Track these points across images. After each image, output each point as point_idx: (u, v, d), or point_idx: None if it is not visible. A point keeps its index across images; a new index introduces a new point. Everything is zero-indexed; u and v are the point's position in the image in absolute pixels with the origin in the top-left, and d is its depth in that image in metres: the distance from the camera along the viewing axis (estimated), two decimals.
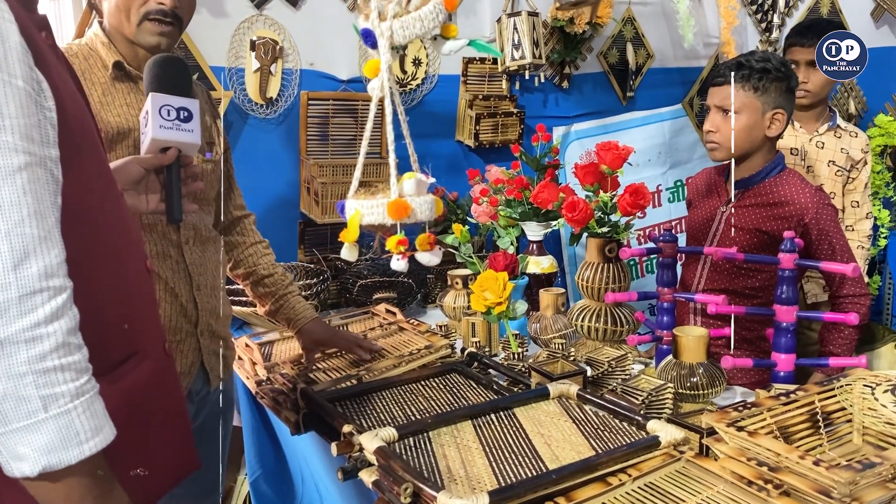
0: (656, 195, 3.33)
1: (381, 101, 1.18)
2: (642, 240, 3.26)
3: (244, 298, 2.20)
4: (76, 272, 0.85)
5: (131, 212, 1.28)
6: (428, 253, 1.14)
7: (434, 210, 1.15)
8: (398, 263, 1.16)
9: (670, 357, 1.61)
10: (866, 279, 2.64)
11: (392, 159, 1.15)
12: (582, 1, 1.44)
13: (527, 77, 2.93)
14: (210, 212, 1.70)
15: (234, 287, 2.19)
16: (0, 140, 0.77)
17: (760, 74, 1.84)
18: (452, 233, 1.95)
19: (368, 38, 1.13)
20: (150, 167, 1.31)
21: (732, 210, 1.94)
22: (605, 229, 1.93)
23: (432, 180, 1.14)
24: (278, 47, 2.46)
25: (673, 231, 3.31)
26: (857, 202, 2.51)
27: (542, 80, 3.01)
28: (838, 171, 2.45)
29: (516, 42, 2.73)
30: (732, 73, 1.84)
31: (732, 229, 1.92)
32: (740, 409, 1.27)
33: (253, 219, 1.86)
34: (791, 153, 2.44)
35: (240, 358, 1.91)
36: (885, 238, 3.52)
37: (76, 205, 0.88)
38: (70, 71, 1.02)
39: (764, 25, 3.46)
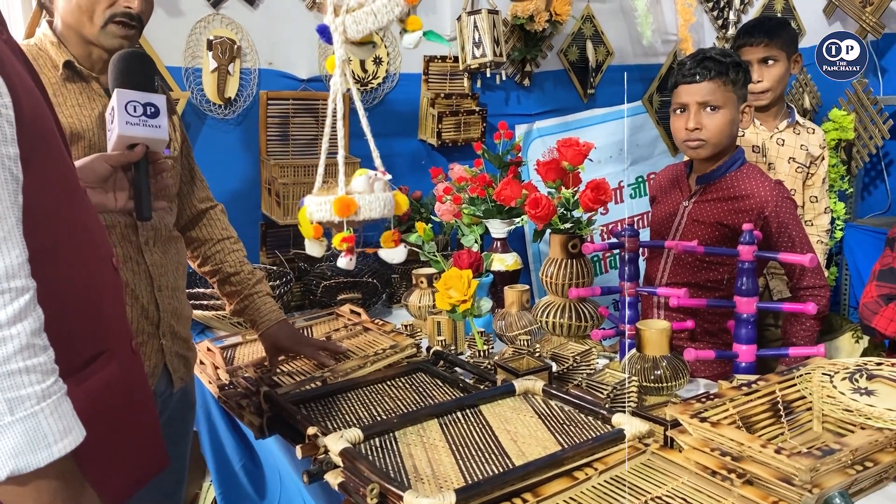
0: (618, 191, 3.36)
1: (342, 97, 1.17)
2: (605, 236, 3.29)
3: (205, 302, 2.17)
4: (41, 271, 0.83)
5: (100, 210, 1.25)
6: (391, 250, 1.13)
7: (390, 207, 1.12)
8: (343, 261, 1.14)
9: (634, 351, 1.62)
10: (825, 272, 2.70)
11: (341, 155, 1.14)
12: None
13: (488, 75, 2.93)
14: (171, 210, 1.67)
15: (194, 291, 2.15)
16: None
17: (735, 68, 1.87)
18: (416, 231, 1.94)
19: (324, 33, 1.12)
20: (118, 164, 1.28)
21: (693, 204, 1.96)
22: (567, 225, 1.94)
23: (387, 177, 1.12)
24: (236, 47, 2.43)
25: (635, 226, 3.34)
26: (816, 197, 2.55)
27: (504, 78, 3.02)
28: (798, 167, 2.49)
29: (477, 40, 2.73)
30: (710, 70, 1.85)
31: (694, 223, 1.95)
32: (703, 400, 1.28)
33: (220, 209, 1.81)
34: (753, 150, 2.48)
35: (202, 362, 1.87)
36: (840, 230, 3.60)
37: (38, 203, 0.86)
38: (27, 66, 0.99)
39: (720, 22, 3.51)
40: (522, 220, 2.22)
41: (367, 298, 2.38)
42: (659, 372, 1.56)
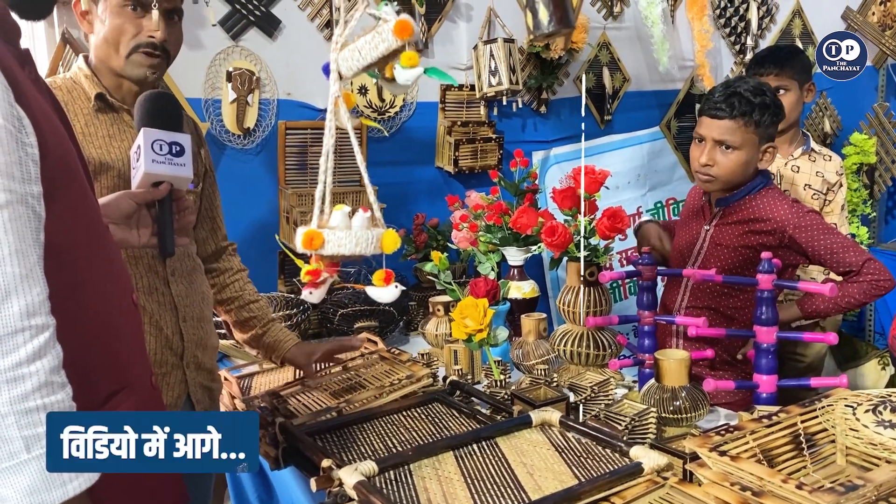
0: (637, 217, 3.34)
1: (343, 130, 1.17)
2: (624, 262, 3.27)
3: (223, 331, 2.18)
4: (61, 308, 0.84)
5: (123, 246, 1.27)
6: (379, 289, 1.11)
7: (367, 245, 1.08)
8: (305, 293, 1.14)
9: (652, 381, 1.60)
10: None
11: (320, 190, 1.13)
12: (554, 32, 1.45)
13: (504, 103, 2.95)
14: (194, 242, 1.70)
15: (216, 319, 2.16)
16: None
17: (762, 110, 1.81)
18: (432, 260, 1.94)
19: (326, 72, 1.12)
20: (143, 202, 1.29)
21: (714, 227, 1.94)
22: (584, 253, 1.93)
23: (367, 214, 1.10)
24: (255, 78, 2.46)
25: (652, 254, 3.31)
26: (835, 224, 2.52)
27: (520, 106, 3.03)
28: (814, 194, 2.47)
29: (493, 69, 2.75)
30: (735, 108, 1.80)
31: (717, 247, 1.92)
32: (723, 432, 1.26)
33: (234, 247, 1.87)
34: None
35: None
36: None
37: (59, 240, 0.88)
38: (54, 103, 1.01)
39: (738, 48, 3.51)
40: (539, 247, 2.22)
41: (384, 326, 2.38)
42: (678, 403, 1.53)
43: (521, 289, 2.26)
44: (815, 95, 2.54)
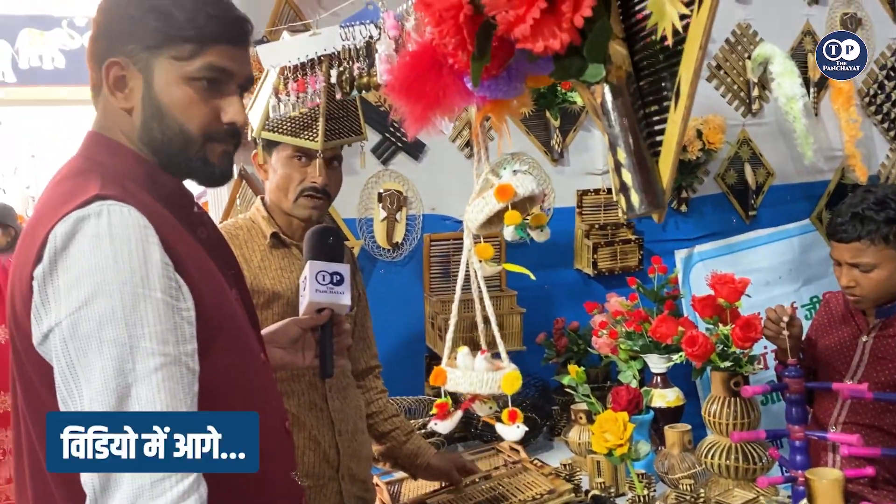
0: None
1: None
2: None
3: None
4: None
5: (289, 367, 1.41)
6: (506, 427, 1.18)
7: (482, 386, 1.15)
8: (433, 425, 1.23)
9: (804, 502, 1.53)
10: None
11: (450, 336, 1.23)
12: (646, 213, 1.53)
13: None
14: (349, 361, 1.85)
15: None
16: (140, 347, 0.90)
17: (889, 224, 1.75)
18: (570, 371, 1.98)
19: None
20: (307, 327, 1.42)
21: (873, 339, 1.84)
22: (727, 364, 1.90)
23: (485, 355, 1.19)
24: (402, 197, 2.67)
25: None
26: None
27: None
28: None
29: None
30: (859, 230, 1.76)
31: (878, 360, 1.82)
32: None
33: (380, 370, 2.00)
34: None
35: None
36: None
37: (213, 383, 0.99)
38: (223, 252, 1.18)
39: (892, 134, 3.36)
40: (681, 356, 2.20)
41: (527, 433, 2.41)
42: None
43: (664, 397, 2.23)
44: None
